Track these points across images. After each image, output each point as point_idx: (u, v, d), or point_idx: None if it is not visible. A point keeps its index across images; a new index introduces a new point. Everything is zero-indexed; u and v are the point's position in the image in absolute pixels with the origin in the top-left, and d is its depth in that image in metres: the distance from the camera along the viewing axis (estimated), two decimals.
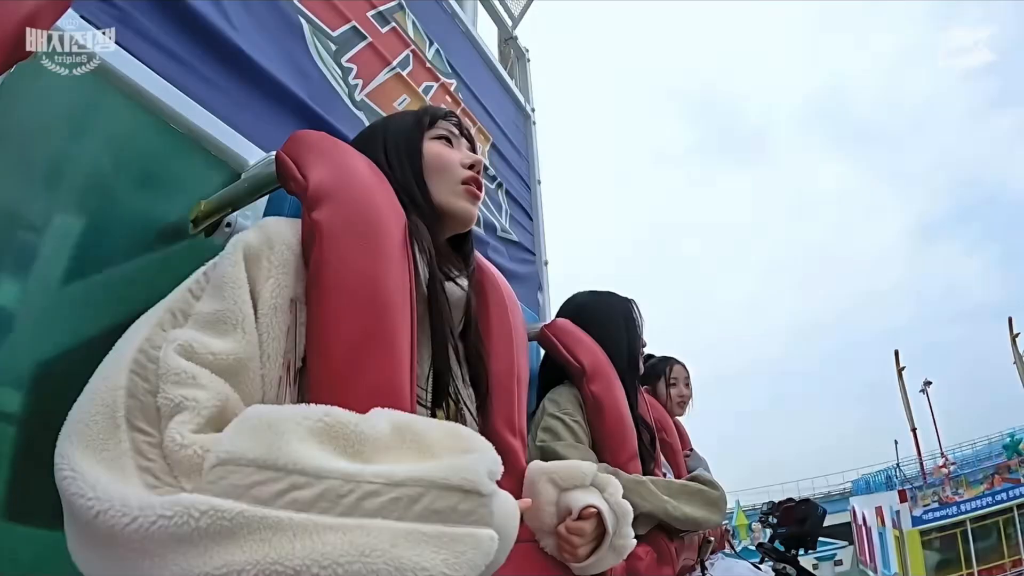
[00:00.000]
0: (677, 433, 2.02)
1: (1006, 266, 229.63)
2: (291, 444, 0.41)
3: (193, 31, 0.95)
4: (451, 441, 0.46)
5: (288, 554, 0.37)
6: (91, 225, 0.72)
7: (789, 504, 3.03)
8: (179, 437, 0.44)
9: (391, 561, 0.37)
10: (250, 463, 0.41)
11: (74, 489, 0.42)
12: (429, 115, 0.85)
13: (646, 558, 1.08)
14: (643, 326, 1.47)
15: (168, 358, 0.48)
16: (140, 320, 0.54)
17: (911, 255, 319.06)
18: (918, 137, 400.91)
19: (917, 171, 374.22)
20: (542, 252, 2.34)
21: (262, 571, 0.37)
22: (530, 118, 2.56)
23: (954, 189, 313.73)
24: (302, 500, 0.39)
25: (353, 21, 1.42)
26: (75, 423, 0.47)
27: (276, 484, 0.40)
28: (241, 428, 0.44)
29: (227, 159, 0.90)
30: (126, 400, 0.47)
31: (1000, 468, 14.10)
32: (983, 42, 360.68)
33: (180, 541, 0.38)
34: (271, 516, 0.38)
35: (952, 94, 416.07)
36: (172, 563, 0.38)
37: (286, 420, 0.43)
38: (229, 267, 0.56)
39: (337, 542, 0.37)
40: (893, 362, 20.19)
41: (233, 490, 0.40)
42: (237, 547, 0.37)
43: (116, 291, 0.73)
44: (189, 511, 0.38)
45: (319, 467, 0.40)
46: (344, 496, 0.39)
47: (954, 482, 14.39)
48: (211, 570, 0.37)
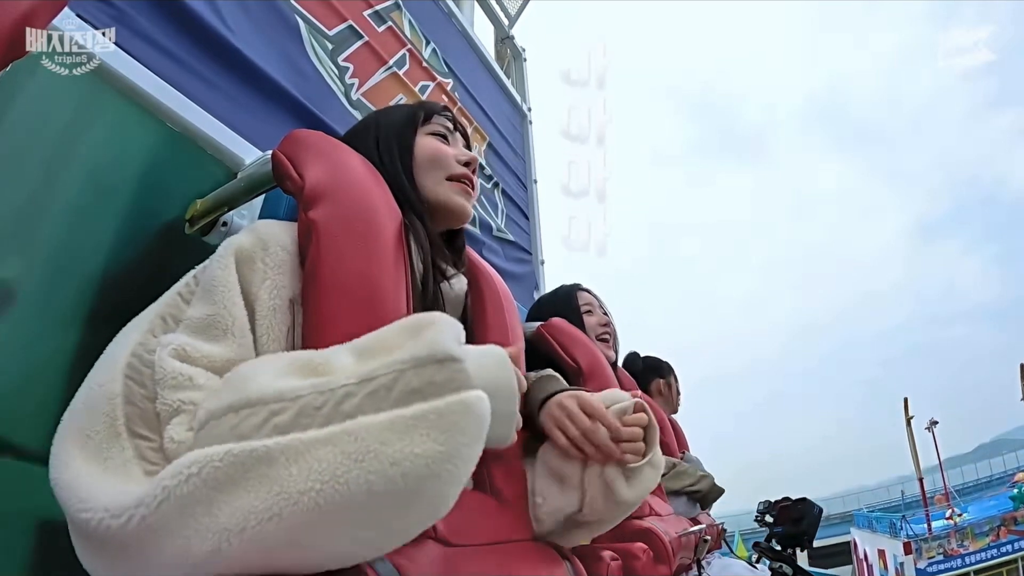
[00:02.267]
0: (674, 433, 2.02)
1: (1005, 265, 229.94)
2: (260, 380, 0.41)
3: (190, 30, 0.95)
4: (408, 330, 0.43)
5: (289, 482, 0.36)
6: (87, 223, 0.72)
7: (785, 503, 3.03)
8: (176, 436, 0.45)
9: (385, 459, 0.36)
10: (226, 409, 0.40)
11: (70, 502, 0.43)
12: (424, 110, 0.84)
13: (643, 557, 1.08)
14: (601, 304, 1.48)
15: (163, 362, 0.48)
16: (130, 325, 0.54)
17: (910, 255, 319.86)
18: (917, 137, 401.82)
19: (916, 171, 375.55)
20: (538, 251, 2.35)
21: (272, 507, 0.36)
22: (526, 117, 2.56)
23: (953, 189, 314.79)
24: (282, 423, 0.38)
25: (350, 20, 1.42)
26: (73, 431, 0.47)
27: (254, 418, 0.39)
28: (217, 391, 0.45)
29: (223, 158, 0.90)
30: (124, 407, 0.47)
31: (1006, 520, 13.96)
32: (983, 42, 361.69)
33: (184, 506, 0.37)
34: (259, 447, 0.37)
35: (952, 94, 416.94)
36: (184, 532, 0.37)
37: (254, 367, 0.44)
38: (219, 270, 0.55)
39: (328, 455, 0.36)
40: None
41: (217, 438, 0.39)
42: (242, 491, 0.37)
43: (111, 290, 0.73)
44: (181, 472, 0.38)
45: (291, 388, 0.39)
46: (321, 407, 0.38)
47: (959, 534, 14.26)
48: (228, 525, 0.36)
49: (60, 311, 0.68)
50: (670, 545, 1.16)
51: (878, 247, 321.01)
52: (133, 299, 0.74)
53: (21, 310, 0.64)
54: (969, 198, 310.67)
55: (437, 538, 0.55)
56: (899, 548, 14.02)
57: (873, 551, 15.69)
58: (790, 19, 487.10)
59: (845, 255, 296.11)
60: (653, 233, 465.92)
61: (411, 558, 0.49)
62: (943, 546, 13.90)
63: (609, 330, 1.44)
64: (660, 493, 1.50)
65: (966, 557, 13.30)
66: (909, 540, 14.06)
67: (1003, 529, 13.59)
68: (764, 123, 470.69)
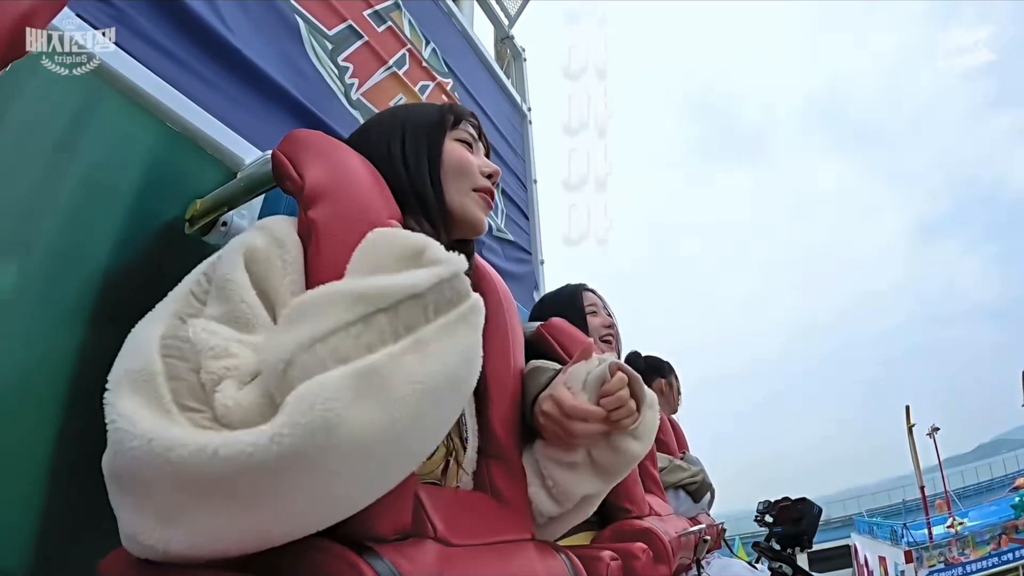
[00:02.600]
0: (673, 433, 2.02)
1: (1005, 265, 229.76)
2: (330, 311, 0.45)
3: (190, 30, 0.95)
4: (405, 261, 0.51)
5: (394, 388, 0.43)
6: (86, 223, 0.72)
7: (785, 503, 3.03)
8: (232, 397, 0.45)
9: (452, 352, 0.47)
10: (311, 340, 0.44)
11: (173, 447, 0.42)
12: (454, 114, 0.82)
13: (643, 557, 1.08)
14: (606, 306, 1.48)
15: (201, 335, 0.49)
16: (144, 322, 0.54)
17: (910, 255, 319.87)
18: (917, 137, 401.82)
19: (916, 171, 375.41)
20: (538, 251, 2.35)
21: (389, 413, 0.43)
22: (526, 117, 2.57)
23: (953, 189, 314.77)
24: (370, 342, 0.44)
25: (349, 20, 1.42)
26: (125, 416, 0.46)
27: (348, 340, 0.44)
28: (283, 328, 0.47)
29: (223, 158, 0.90)
30: (169, 384, 0.47)
31: (1007, 528, 13.91)
32: (982, 42, 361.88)
33: (324, 428, 0.40)
34: (366, 364, 0.43)
35: (952, 94, 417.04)
36: (324, 460, 0.41)
37: (314, 300, 0.47)
38: (231, 269, 0.55)
39: (413, 360, 0.45)
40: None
41: (318, 366, 0.43)
42: (363, 402, 0.42)
43: (111, 290, 0.73)
44: (307, 399, 0.41)
45: (360, 313, 0.45)
46: (390, 324, 0.45)
47: (961, 542, 14.24)
48: (362, 438, 0.42)
49: (60, 311, 0.68)
50: (670, 545, 1.16)
51: (878, 247, 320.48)
52: (133, 299, 0.74)
53: (21, 310, 0.64)
54: (969, 198, 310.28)
55: (436, 538, 0.55)
56: (900, 556, 14.02)
57: (874, 557, 15.69)
58: (790, 19, 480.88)
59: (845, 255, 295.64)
60: (653, 233, 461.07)
61: (410, 557, 0.49)
62: (944, 554, 13.89)
63: (613, 332, 1.44)
64: (660, 493, 1.50)
65: (967, 565, 13.30)
66: (910, 549, 14.06)
67: (1004, 537, 13.57)
68: (764, 123, 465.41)
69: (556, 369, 0.82)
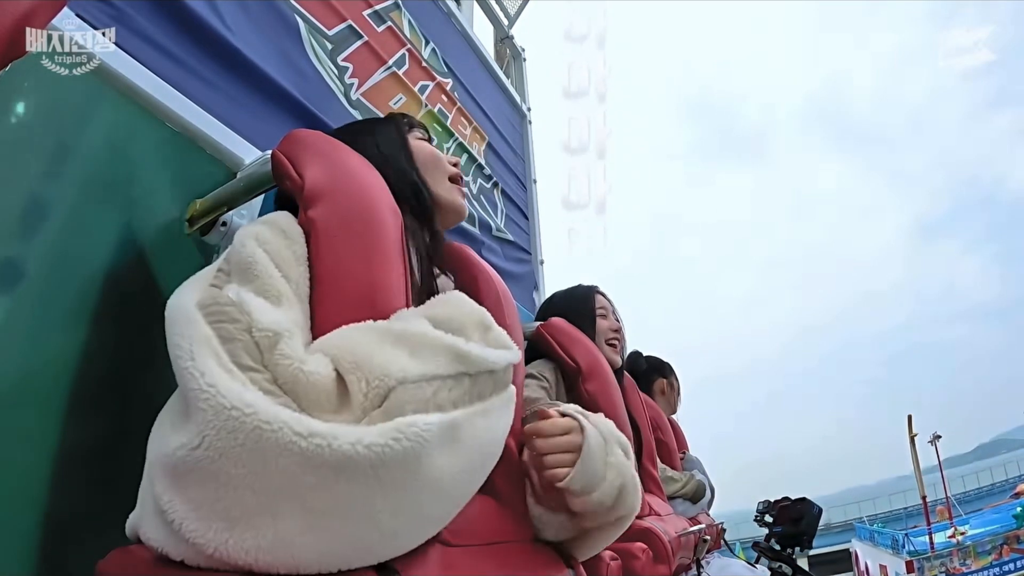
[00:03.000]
0: (674, 433, 2.02)
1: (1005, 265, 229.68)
2: (429, 358, 0.50)
3: (190, 30, 0.95)
4: (479, 326, 0.57)
5: (466, 441, 0.49)
6: (86, 223, 0.72)
7: (785, 503, 3.03)
8: (296, 370, 0.45)
9: (501, 427, 0.55)
10: (419, 378, 0.48)
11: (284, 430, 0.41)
12: (407, 119, 0.89)
13: (642, 556, 1.08)
14: (615, 310, 1.48)
15: (244, 295, 0.50)
16: (177, 299, 0.52)
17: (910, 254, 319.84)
18: (917, 137, 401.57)
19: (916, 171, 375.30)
20: (538, 251, 2.35)
21: (460, 461, 0.49)
22: (526, 117, 2.57)
23: (953, 189, 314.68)
24: (456, 398, 0.50)
25: (349, 20, 1.42)
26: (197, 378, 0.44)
27: (443, 392, 0.49)
28: (394, 348, 0.50)
29: (223, 158, 0.90)
30: (224, 346, 0.46)
31: (1009, 538, 13.81)
32: (983, 42, 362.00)
33: (412, 458, 0.44)
34: (450, 418, 0.48)
35: (952, 94, 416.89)
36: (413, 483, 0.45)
37: (423, 335, 0.51)
38: (249, 252, 0.55)
39: (480, 423, 0.51)
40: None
41: (420, 403, 0.47)
42: (444, 450, 0.47)
43: (111, 289, 0.73)
44: (407, 427, 0.44)
45: (453, 369, 0.51)
46: (468, 387, 0.51)
47: (962, 552, 14.15)
48: (441, 479, 0.47)
49: (60, 311, 0.68)
50: (670, 545, 1.16)
51: (878, 247, 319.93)
52: (133, 299, 0.74)
53: (21, 309, 0.64)
54: (969, 198, 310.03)
55: (437, 538, 0.55)
56: (901, 566, 14.02)
57: (875, 565, 15.69)
58: (790, 19, 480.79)
59: (845, 255, 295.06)
60: (653, 233, 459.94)
61: (411, 558, 0.49)
62: (946, 564, 13.86)
63: (619, 336, 1.45)
64: (660, 493, 1.50)
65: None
66: (912, 559, 14.06)
67: (1006, 548, 13.56)
68: (764, 123, 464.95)
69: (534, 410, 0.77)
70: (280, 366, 0.45)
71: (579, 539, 0.74)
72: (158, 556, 0.45)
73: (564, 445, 0.68)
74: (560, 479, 0.66)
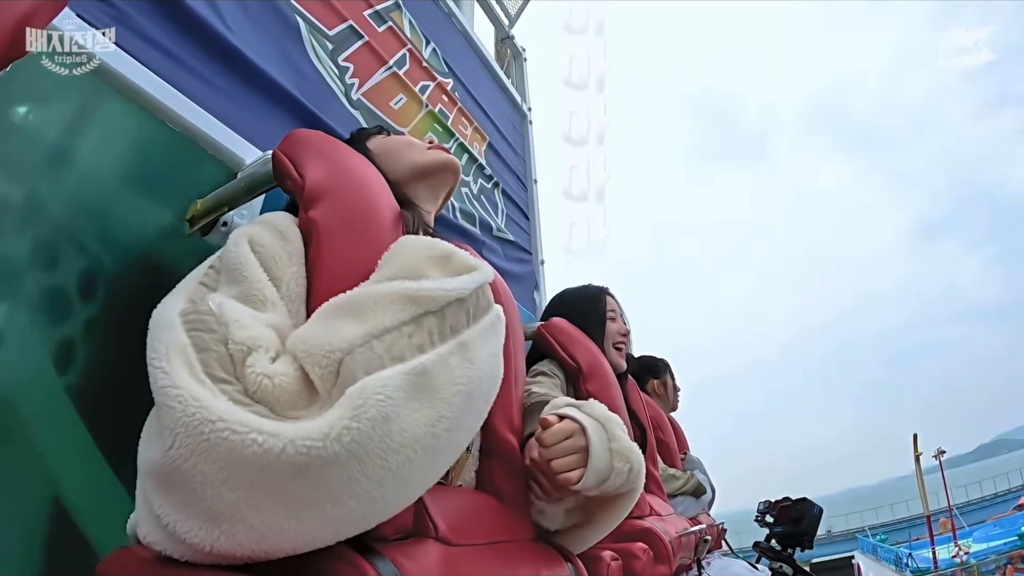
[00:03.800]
0: (674, 433, 2.02)
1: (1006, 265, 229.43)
2: (379, 311, 0.49)
3: (190, 30, 0.95)
4: (434, 260, 0.55)
5: (442, 388, 0.47)
6: (86, 223, 0.72)
7: (785, 503, 3.03)
8: (262, 377, 0.45)
9: (486, 356, 0.52)
10: (366, 337, 0.47)
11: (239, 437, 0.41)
12: (363, 131, 0.92)
13: (643, 557, 1.08)
14: (623, 313, 1.48)
15: (225, 306, 0.50)
16: (160, 307, 0.53)
17: (910, 255, 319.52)
18: (918, 137, 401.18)
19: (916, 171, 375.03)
20: (538, 251, 2.35)
21: (438, 411, 0.47)
22: (526, 117, 2.56)
23: (953, 189, 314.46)
24: (419, 343, 0.48)
25: (350, 20, 1.42)
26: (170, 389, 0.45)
27: (401, 340, 0.47)
28: (322, 320, 0.50)
29: (223, 158, 0.90)
30: (198, 355, 0.46)
31: (1013, 558, 13.75)
32: (983, 42, 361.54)
33: (384, 418, 0.43)
34: (417, 364, 0.46)
35: (952, 94, 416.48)
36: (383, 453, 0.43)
37: (362, 298, 0.50)
38: (239, 254, 0.56)
39: (457, 361, 0.49)
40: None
41: (375, 362, 0.46)
42: (416, 402, 0.45)
43: (111, 289, 0.73)
44: (367, 393, 0.43)
45: (410, 314, 0.49)
46: (437, 326, 0.49)
47: (966, 572, 14.11)
48: (417, 435, 0.45)
49: (60, 311, 0.68)
50: (670, 545, 1.16)
51: (878, 247, 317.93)
52: (133, 299, 0.74)
53: (20, 309, 0.64)
54: (969, 198, 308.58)
55: (438, 538, 0.55)
56: None
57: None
58: (791, 19, 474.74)
59: (845, 255, 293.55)
60: (653, 233, 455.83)
61: (412, 557, 0.49)
62: None
63: (626, 340, 1.45)
64: (660, 493, 1.50)
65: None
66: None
67: (1009, 567, 13.52)
68: (765, 123, 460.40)
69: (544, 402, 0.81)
70: (248, 378, 0.46)
71: (581, 527, 0.77)
72: (158, 556, 0.45)
73: (570, 449, 0.68)
74: (574, 482, 0.66)
